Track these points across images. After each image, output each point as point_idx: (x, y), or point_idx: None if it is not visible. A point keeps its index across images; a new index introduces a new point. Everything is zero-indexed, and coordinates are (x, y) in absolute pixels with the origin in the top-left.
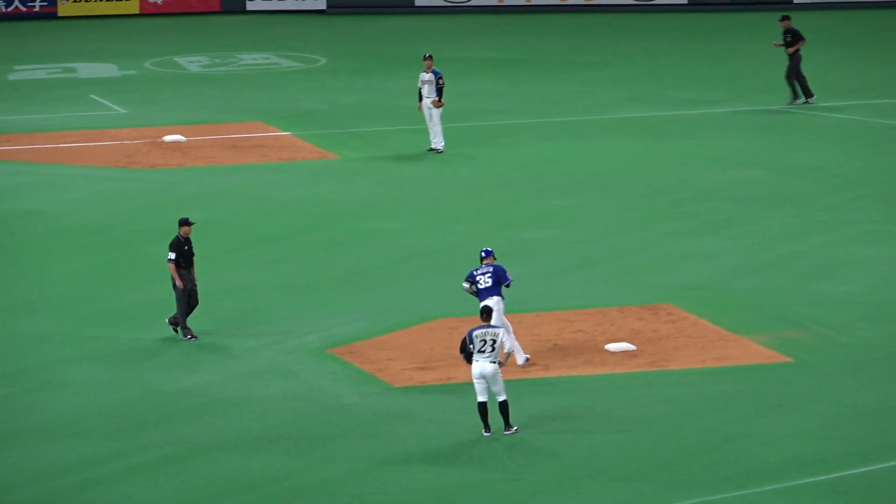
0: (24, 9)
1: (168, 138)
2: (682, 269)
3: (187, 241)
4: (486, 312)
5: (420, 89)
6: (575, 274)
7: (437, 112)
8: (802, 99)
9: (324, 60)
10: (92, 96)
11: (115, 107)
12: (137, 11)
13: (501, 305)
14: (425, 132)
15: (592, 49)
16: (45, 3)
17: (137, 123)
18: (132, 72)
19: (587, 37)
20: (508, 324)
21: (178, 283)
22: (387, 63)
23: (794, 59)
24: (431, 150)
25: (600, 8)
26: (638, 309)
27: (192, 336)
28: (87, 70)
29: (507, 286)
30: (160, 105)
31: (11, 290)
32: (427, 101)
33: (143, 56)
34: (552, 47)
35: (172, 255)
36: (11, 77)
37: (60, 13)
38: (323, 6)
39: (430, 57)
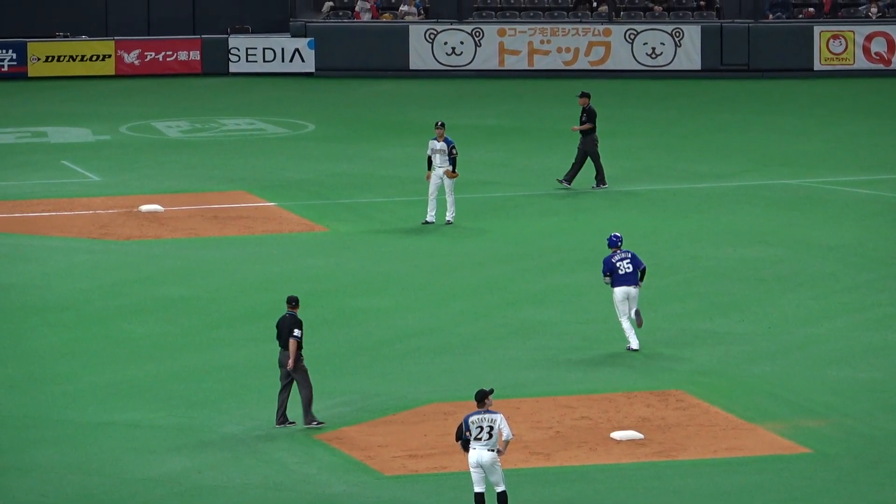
0: None
1: (145, 208)
2: (693, 353)
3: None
4: (482, 397)
5: (430, 158)
6: (578, 357)
7: (450, 182)
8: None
9: (312, 126)
10: (64, 162)
11: (89, 174)
12: (113, 72)
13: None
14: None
15: (598, 117)
16: (14, 63)
17: (112, 192)
18: (107, 137)
19: (592, 104)
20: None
21: (291, 363)
22: (379, 130)
23: (590, 142)
24: (427, 222)
25: (607, 73)
26: (646, 395)
27: (319, 423)
28: (59, 134)
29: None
30: (137, 173)
31: None
32: (439, 171)
33: (118, 120)
34: (555, 115)
35: (299, 333)
36: None
37: (31, 73)
38: (311, 69)
39: (443, 125)
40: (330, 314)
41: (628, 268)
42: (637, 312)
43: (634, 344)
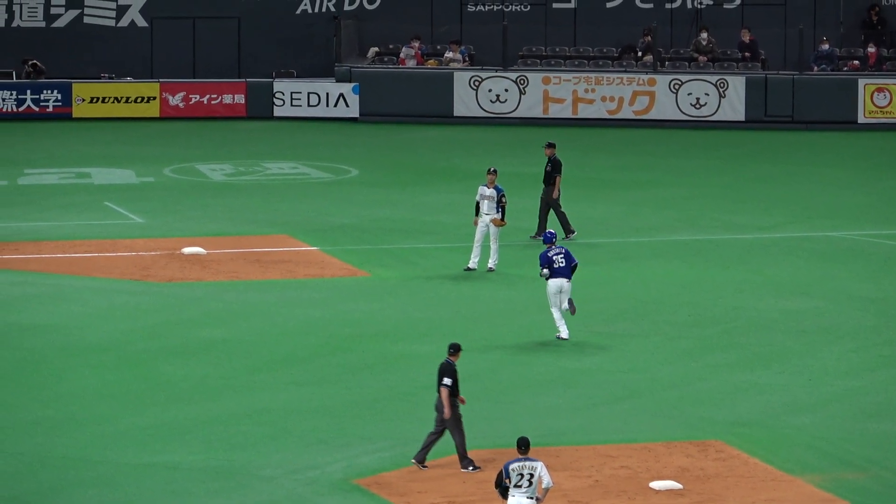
0: (36, 108)
1: (187, 250)
2: (733, 404)
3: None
4: (524, 444)
5: (478, 204)
6: (618, 406)
7: (496, 230)
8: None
9: (355, 171)
10: (107, 204)
11: (132, 216)
12: (158, 115)
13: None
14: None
15: (641, 167)
16: (59, 103)
17: (155, 234)
18: (151, 179)
19: (636, 153)
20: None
21: (447, 411)
22: (422, 176)
23: (550, 192)
24: (469, 269)
25: (650, 123)
26: (685, 445)
27: (475, 467)
28: (103, 176)
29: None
30: (180, 215)
31: (15, 409)
32: (486, 218)
33: (162, 162)
34: (598, 164)
35: (448, 381)
36: (21, 181)
37: (75, 114)
38: (356, 114)
39: (495, 172)
40: (371, 359)
41: (562, 262)
42: (570, 301)
43: (564, 333)
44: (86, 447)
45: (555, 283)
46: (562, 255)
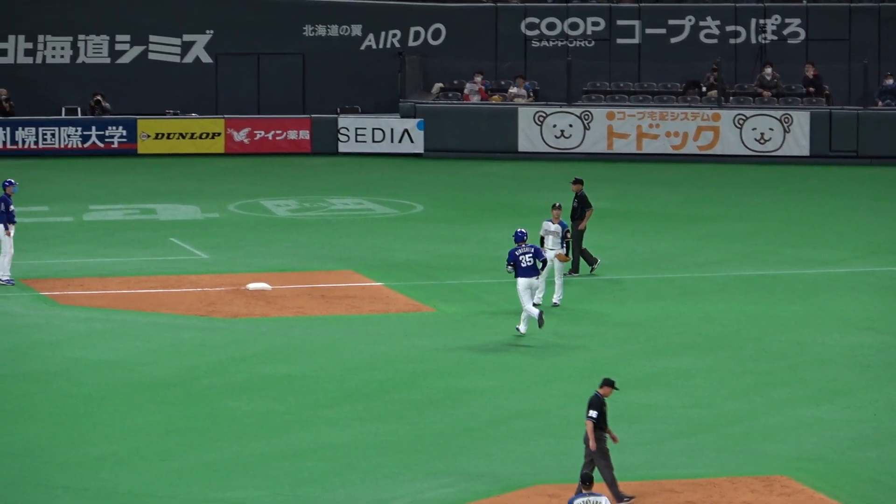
0: (101, 145)
1: (252, 286)
2: (798, 439)
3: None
4: (588, 480)
5: (542, 238)
6: (683, 441)
7: (560, 265)
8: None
9: (420, 207)
10: (172, 239)
11: (197, 251)
12: (223, 150)
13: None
14: None
15: (705, 202)
16: (125, 140)
17: (220, 270)
18: (215, 214)
19: (699, 188)
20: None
21: (593, 444)
22: (487, 211)
23: (580, 225)
24: (534, 304)
25: (715, 158)
26: (750, 480)
27: (628, 497)
28: (168, 212)
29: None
30: (244, 251)
31: (81, 445)
32: (550, 253)
33: (227, 198)
34: (663, 199)
35: (594, 414)
36: (86, 217)
37: (140, 150)
38: (420, 149)
39: (560, 207)
40: (435, 395)
41: (530, 261)
42: (541, 315)
43: (523, 328)
44: (151, 483)
45: (524, 282)
46: (530, 255)
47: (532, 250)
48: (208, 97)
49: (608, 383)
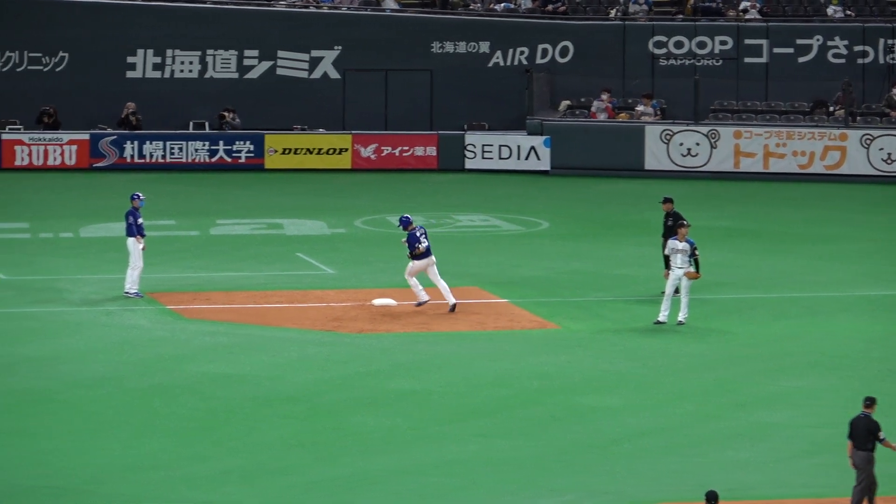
0: (229, 159)
1: (378, 302)
2: None
3: None
4: (713, 498)
5: (668, 257)
6: (807, 461)
7: (687, 283)
8: None
9: (546, 224)
10: (298, 255)
11: (323, 266)
12: (349, 166)
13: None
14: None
15: (831, 221)
16: (252, 154)
17: (345, 285)
18: (342, 230)
19: (825, 208)
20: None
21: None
22: (612, 229)
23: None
24: (659, 322)
25: (841, 178)
26: (876, 500)
27: None
28: (294, 227)
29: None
30: (370, 266)
31: (206, 459)
32: (678, 272)
33: (354, 213)
34: (788, 218)
35: (882, 435)
36: (213, 231)
37: (267, 165)
38: (547, 166)
39: (688, 225)
40: (560, 412)
41: (426, 242)
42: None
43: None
44: (276, 498)
45: (424, 262)
46: (425, 235)
47: (424, 230)
48: (336, 113)
49: (867, 400)
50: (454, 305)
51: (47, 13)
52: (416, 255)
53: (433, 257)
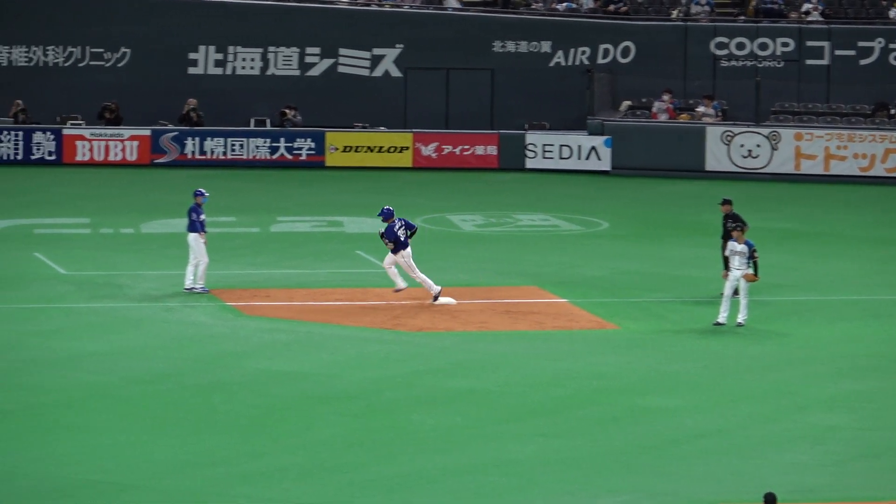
0: (289, 157)
1: (437, 300)
2: None
3: None
4: (771, 501)
5: (727, 259)
6: (867, 463)
7: (746, 285)
8: None
9: (605, 224)
10: (358, 252)
11: (381, 265)
12: (410, 164)
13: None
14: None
15: (891, 224)
16: (313, 152)
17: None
18: None
19: (886, 211)
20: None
21: None
22: (672, 229)
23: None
24: (718, 324)
25: None
26: None
27: None
28: (355, 224)
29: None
30: (430, 265)
31: (264, 456)
32: (736, 273)
33: (414, 212)
34: (849, 220)
35: None
36: (273, 229)
37: (328, 163)
38: (607, 167)
39: (744, 228)
40: (619, 412)
41: (404, 234)
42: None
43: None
44: (333, 495)
45: (406, 252)
46: (403, 228)
47: (403, 223)
48: (397, 111)
49: None
50: (438, 293)
51: (110, 9)
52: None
53: (409, 249)
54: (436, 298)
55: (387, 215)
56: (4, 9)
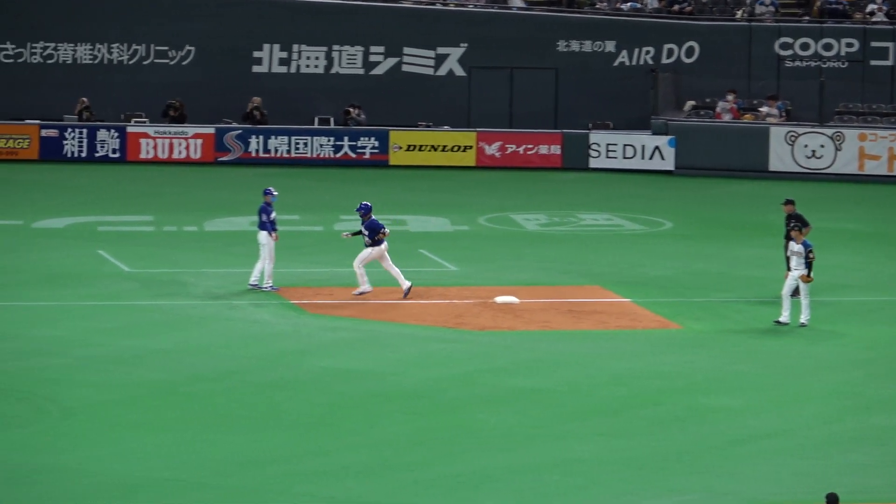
0: (353, 155)
1: (500, 299)
2: None
3: None
4: (833, 501)
5: (788, 259)
6: None
7: (805, 286)
8: None
9: (669, 224)
10: (421, 251)
11: (446, 263)
12: (474, 163)
13: None
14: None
15: None
16: (377, 150)
17: (468, 282)
18: (465, 227)
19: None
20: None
21: None
22: (735, 230)
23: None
24: (780, 323)
25: None
26: None
27: None
28: (418, 223)
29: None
30: (493, 264)
31: (327, 454)
32: (795, 273)
33: (477, 211)
34: None
35: None
36: (336, 227)
37: (392, 161)
38: (671, 166)
39: (802, 228)
40: (681, 411)
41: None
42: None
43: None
44: (397, 493)
45: (380, 249)
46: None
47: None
48: (460, 110)
49: None
50: (409, 289)
51: (175, 7)
52: (376, 241)
53: (386, 244)
54: (359, 294)
55: (365, 210)
56: (70, 7)
